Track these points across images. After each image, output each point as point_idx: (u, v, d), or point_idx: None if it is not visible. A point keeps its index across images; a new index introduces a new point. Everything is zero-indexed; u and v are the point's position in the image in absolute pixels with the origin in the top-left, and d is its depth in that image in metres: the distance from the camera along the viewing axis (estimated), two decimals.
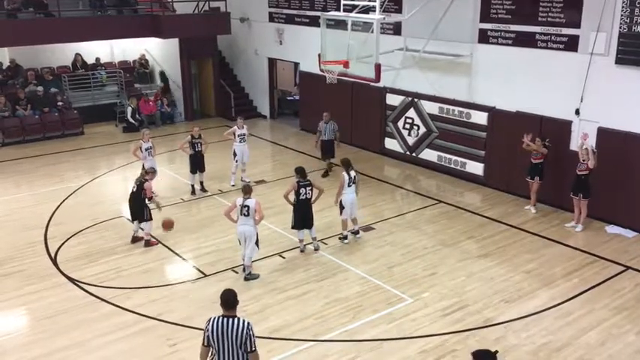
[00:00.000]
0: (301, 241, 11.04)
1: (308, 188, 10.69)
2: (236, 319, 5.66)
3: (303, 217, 10.82)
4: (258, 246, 9.94)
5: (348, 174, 11.06)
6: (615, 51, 11.41)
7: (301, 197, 10.67)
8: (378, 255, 10.91)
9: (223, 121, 20.56)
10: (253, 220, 9.74)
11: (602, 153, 11.52)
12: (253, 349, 5.68)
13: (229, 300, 5.72)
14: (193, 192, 13.99)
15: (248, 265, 9.99)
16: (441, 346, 8.19)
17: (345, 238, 11.38)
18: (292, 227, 10.98)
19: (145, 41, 21.29)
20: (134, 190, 11.17)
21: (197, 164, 13.86)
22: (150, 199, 11.34)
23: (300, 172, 10.77)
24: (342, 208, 11.18)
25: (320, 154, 15.38)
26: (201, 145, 13.80)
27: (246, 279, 9.97)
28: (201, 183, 14.16)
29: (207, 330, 5.67)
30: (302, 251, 11.01)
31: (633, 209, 11.62)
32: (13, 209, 13.22)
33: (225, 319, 5.65)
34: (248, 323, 5.68)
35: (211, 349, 5.72)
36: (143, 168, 12.29)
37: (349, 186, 11.07)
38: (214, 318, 5.70)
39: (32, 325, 8.90)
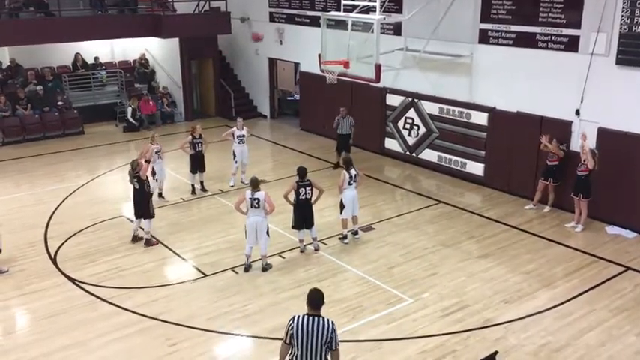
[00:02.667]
0: (301, 241, 11.04)
1: (307, 188, 10.69)
2: (321, 319, 5.78)
3: (303, 217, 10.83)
4: (268, 234, 10.25)
5: (349, 172, 11.08)
6: (615, 51, 11.41)
7: (301, 197, 10.67)
8: (378, 255, 10.91)
9: (223, 121, 20.56)
10: (264, 211, 10.01)
11: (603, 153, 11.49)
12: (337, 347, 5.83)
13: (315, 300, 5.82)
14: (193, 192, 13.99)
15: (265, 254, 10.35)
16: (441, 346, 8.19)
17: (345, 237, 11.38)
18: (292, 227, 11.00)
19: (145, 41, 21.28)
20: (136, 187, 11.16)
21: (197, 164, 13.85)
22: (153, 174, 11.77)
23: (300, 172, 10.78)
24: (342, 207, 11.19)
25: (336, 147, 15.49)
26: (201, 145, 13.77)
27: (264, 269, 10.29)
28: (202, 183, 14.16)
29: (292, 328, 5.76)
30: (302, 251, 11.01)
31: (633, 210, 11.62)
32: (13, 208, 13.21)
33: (311, 318, 5.77)
34: (332, 322, 5.81)
35: (292, 347, 5.81)
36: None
37: (350, 184, 11.10)
38: (299, 316, 5.81)
39: (32, 324, 8.90)
